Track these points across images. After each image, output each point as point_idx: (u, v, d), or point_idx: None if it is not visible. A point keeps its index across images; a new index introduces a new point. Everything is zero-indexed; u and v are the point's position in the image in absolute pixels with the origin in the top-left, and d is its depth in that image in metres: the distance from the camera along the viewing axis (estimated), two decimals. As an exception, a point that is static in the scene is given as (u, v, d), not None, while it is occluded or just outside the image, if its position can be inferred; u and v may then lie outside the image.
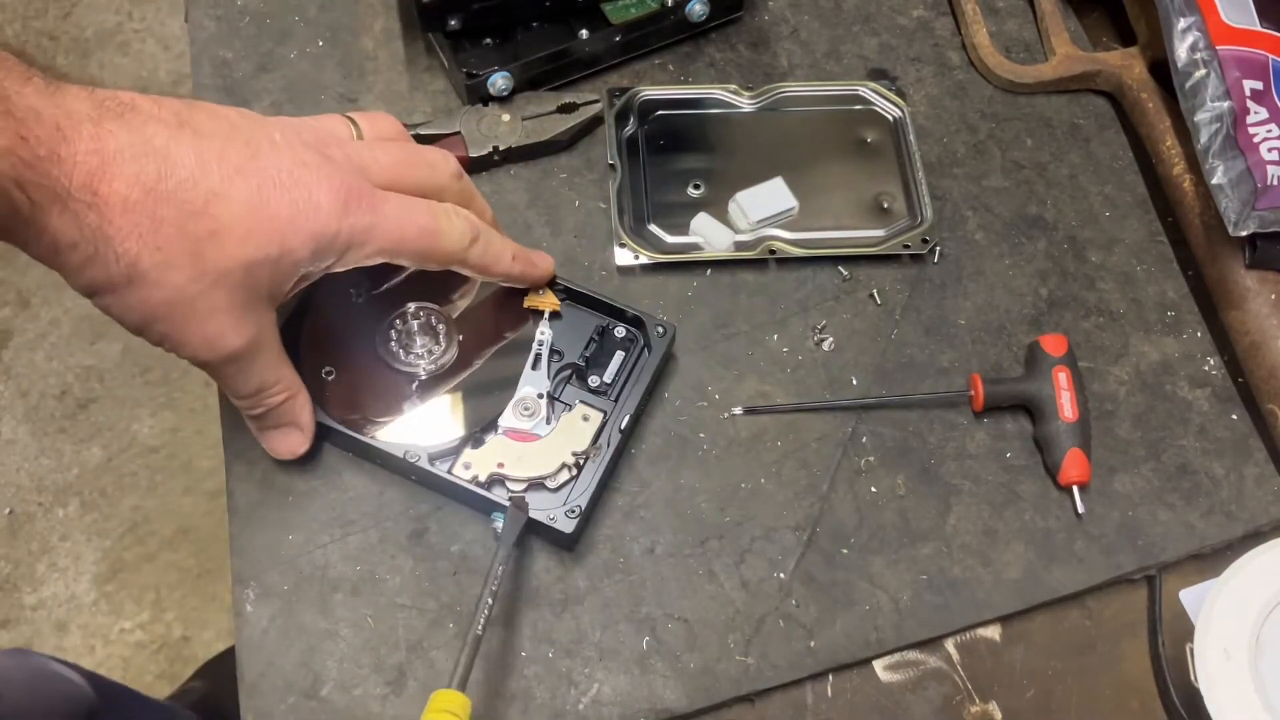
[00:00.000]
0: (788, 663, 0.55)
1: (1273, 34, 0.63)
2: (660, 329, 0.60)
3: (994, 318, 0.64)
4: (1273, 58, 0.62)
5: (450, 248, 0.53)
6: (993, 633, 0.57)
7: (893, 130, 0.70)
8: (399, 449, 0.56)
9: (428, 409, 0.59)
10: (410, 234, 0.51)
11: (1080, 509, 0.59)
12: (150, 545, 1.43)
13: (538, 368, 0.59)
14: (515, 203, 0.67)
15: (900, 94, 0.71)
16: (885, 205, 0.67)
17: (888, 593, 0.57)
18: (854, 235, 0.66)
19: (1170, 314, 0.65)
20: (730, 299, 0.64)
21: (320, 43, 0.72)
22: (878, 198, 0.67)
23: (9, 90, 0.42)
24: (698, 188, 0.67)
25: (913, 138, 0.69)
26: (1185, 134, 0.65)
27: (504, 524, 0.54)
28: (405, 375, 0.59)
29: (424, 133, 0.67)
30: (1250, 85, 0.61)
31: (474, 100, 0.68)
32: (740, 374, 0.62)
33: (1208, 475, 0.60)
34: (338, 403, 0.58)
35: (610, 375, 0.60)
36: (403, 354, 0.59)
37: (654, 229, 0.66)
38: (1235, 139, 0.60)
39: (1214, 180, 0.60)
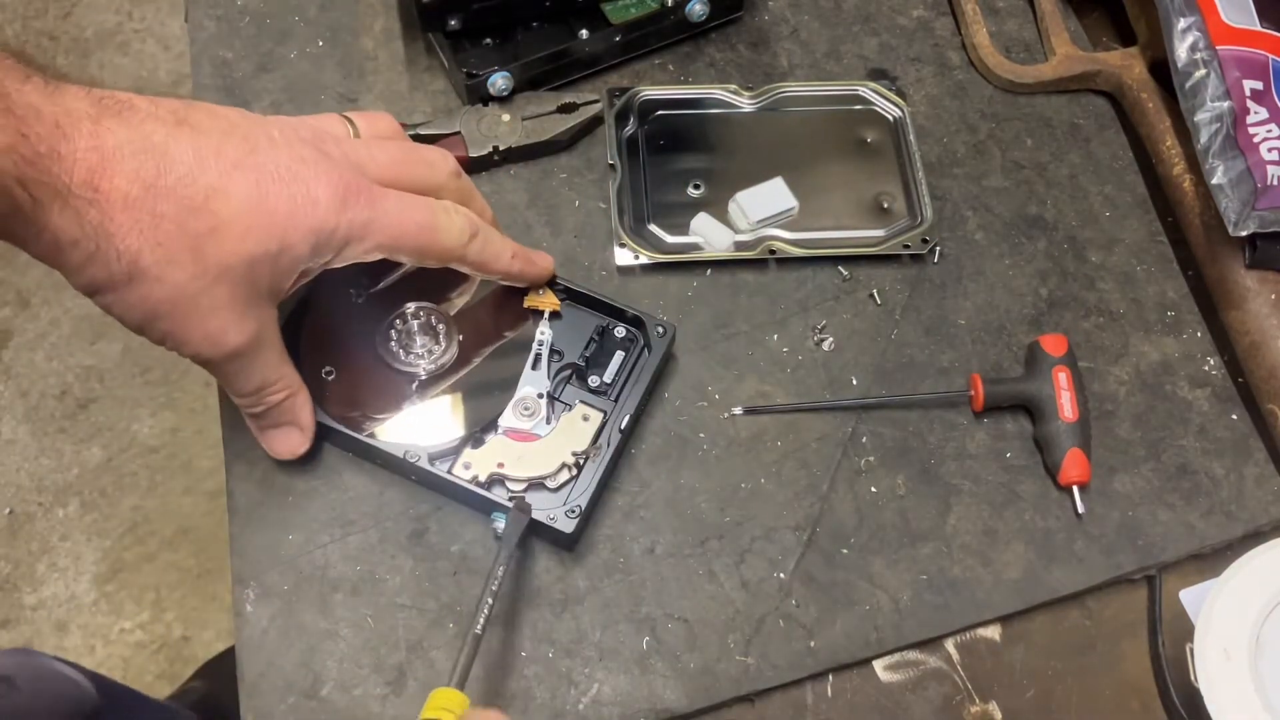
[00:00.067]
0: (788, 663, 0.55)
1: (1273, 34, 0.63)
2: (660, 329, 0.60)
3: (994, 318, 0.64)
4: (1273, 58, 0.62)
5: (449, 244, 0.53)
6: (993, 633, 0.57)
7: (893, 130, 0.70)
8: (399, 449, 0.56)
9: (428, 409, 0.59)
10: (409, 229, 0.51)
11: (1080, 509, 0.59)
12: (150, 545, 1.43)
13: (538, 368, 0.59)
14: (515, 203, 0.67)
15: (900, 94, 0.71)
16: (885, 205, 0.67)
17: (888, 593, 0.57)
18: (854, 235, 0.66)
19: (1170, 314, 0.65)
20: (730, 299, 0.64)
21: (320, 43, 0.72)
22: (878, 198, 0.67)
23: (9, 89, 0.42)
24: (698, 188, 0.67)
25: (913, 138, 0.69)
26: (1185, 134, 0.65)
27: (506, 525, 0.54)
28: (405, 375, 0.59)
29: (424, 133, 0.67)
30: (1250, 85, 0.61)
31: (474, 100, 0.68)
32: (740, 374, 0.62)
33: (1208, 475, 0.60)
34: (338, 402, 0.58)
35: (610, 375, 0.60)
36: (403, 354, 0.59)
37: (654, 229, 0.66)
38: (1235, 139, 0.60)
39: (1214, 180, 0.60)
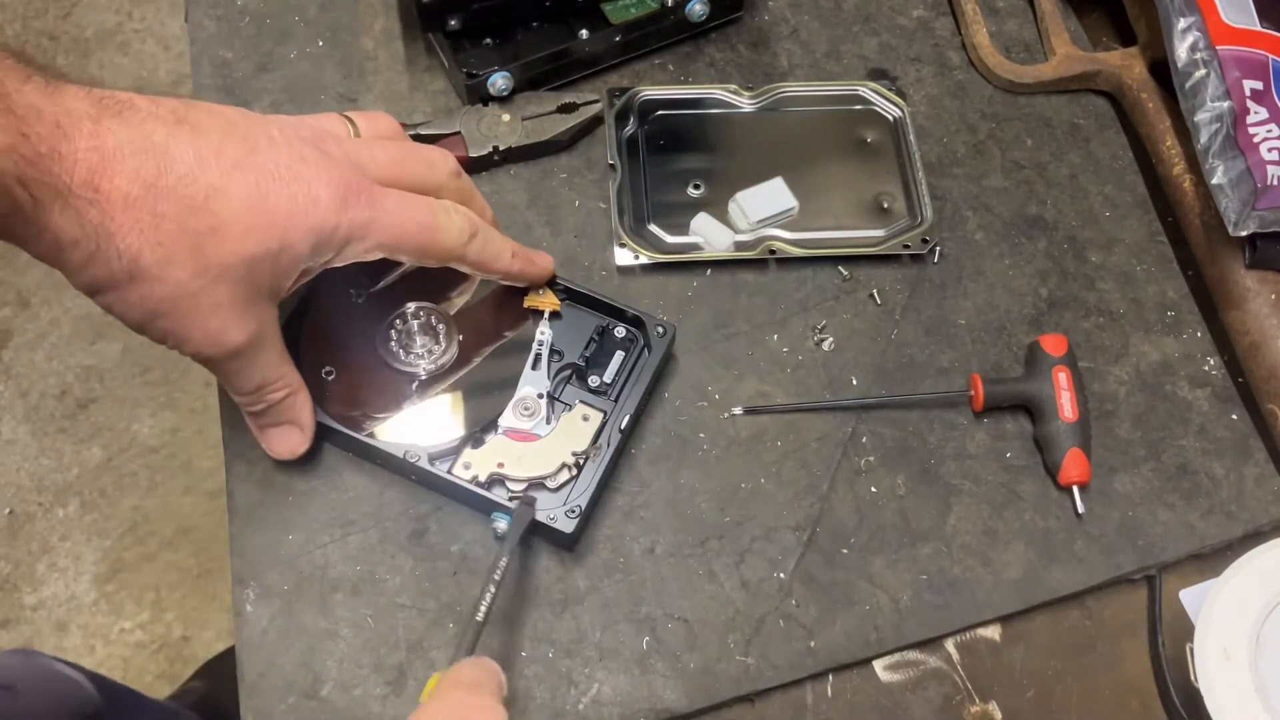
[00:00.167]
0: (788, 663, 0.55)
1: (1273, 34, 0.63)
2: (660, 329, 0.60)
3: (994, 318, 0.64)
4: (1273, 58, 0.62)
5: (449, 243, 0.53)
6: (993, 633, 0.57)
7: (893, 130, 0.70)
8: (399, 449, 0.56)
9: (428, 409, 0.59)
10: (409, 229, 0.51)
11: (1080, 509, 0.59)
12: (150, 545, 1.43)
13: (538, 367, 0.59)
14: (515, 203, 0.67)
15: (900, 94, 0.70)
16: (885, 205, 0.67)
17: (888, 593, 0.57)
18: (854, 235, 0.66)
19: (1170, 314, 0.65)
20: (730, 299, 0.64)
21: (320, 43, 0.72)
22: (878, 198, 0.67)
23: (9, 89, 0.42)
24: (698, 188, 0.67)
25: (913, 138, 0.69)
26: (1185, 134, 0.65)
27: (510, 522, 0.54)
28: (405, 375, 0.59)
29: (424, 133, 0.67)
30: (1250, 85, 0.61)
31: (474, 100, 0.68)
32: (740, 374, 0.62)
33: (1208, 475, 0.60)
34: (338, 402, 0.58)
35: (610, 375, 0.60)
36: (403, 354, 0.59)
37: (654, 229, 0.66)
38: (1235, 139, 0.60)
39: (1214, 180, 0.60)
